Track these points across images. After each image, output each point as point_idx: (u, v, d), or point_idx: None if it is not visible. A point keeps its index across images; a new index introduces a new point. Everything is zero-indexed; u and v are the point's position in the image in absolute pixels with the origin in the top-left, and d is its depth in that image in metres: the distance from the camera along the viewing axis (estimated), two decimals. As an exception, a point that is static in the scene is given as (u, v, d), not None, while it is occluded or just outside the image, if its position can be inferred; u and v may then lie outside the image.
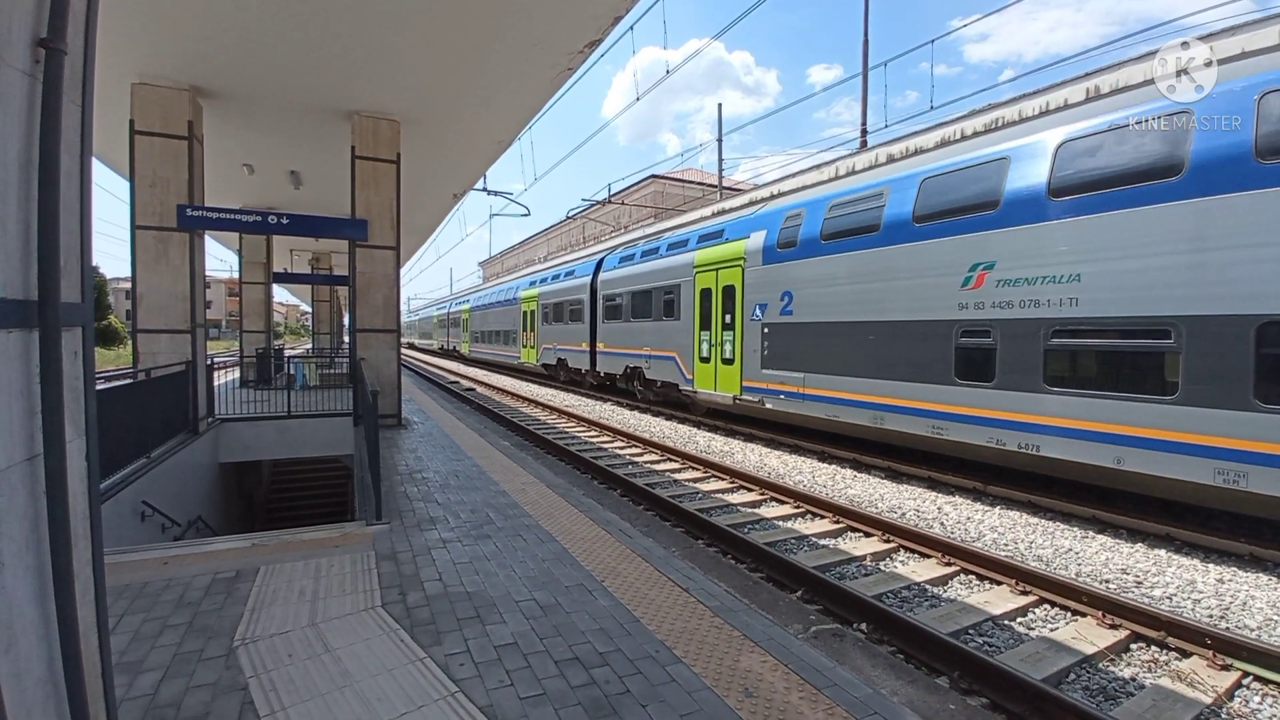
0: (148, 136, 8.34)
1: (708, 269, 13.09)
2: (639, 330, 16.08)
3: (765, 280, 11.30)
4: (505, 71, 8.16)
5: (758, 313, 11.43)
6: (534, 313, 24.61)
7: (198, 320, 8.73)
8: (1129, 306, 6.41)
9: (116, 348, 45.47)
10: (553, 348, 22.51)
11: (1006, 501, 7.71)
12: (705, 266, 13.22)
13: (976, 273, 7.90)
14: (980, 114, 12.37)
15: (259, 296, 17.09)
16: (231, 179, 12.71)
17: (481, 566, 4.20)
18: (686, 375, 13.84)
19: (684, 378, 13.98)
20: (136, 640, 3.16)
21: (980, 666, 3.87)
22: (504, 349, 29.38)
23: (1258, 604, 4.92)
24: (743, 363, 11.86)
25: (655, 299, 15.28)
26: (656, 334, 15.10)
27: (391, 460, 7.63)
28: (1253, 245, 5.58)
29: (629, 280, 16.85)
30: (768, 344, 11.18)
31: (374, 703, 2.61)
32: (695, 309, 13.45)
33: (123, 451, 6.44)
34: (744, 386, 11.85)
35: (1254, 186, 5.58)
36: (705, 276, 13.19)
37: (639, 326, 16.12)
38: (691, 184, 37.87)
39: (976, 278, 7.89)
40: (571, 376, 21.79)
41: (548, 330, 23.01)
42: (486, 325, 32.99)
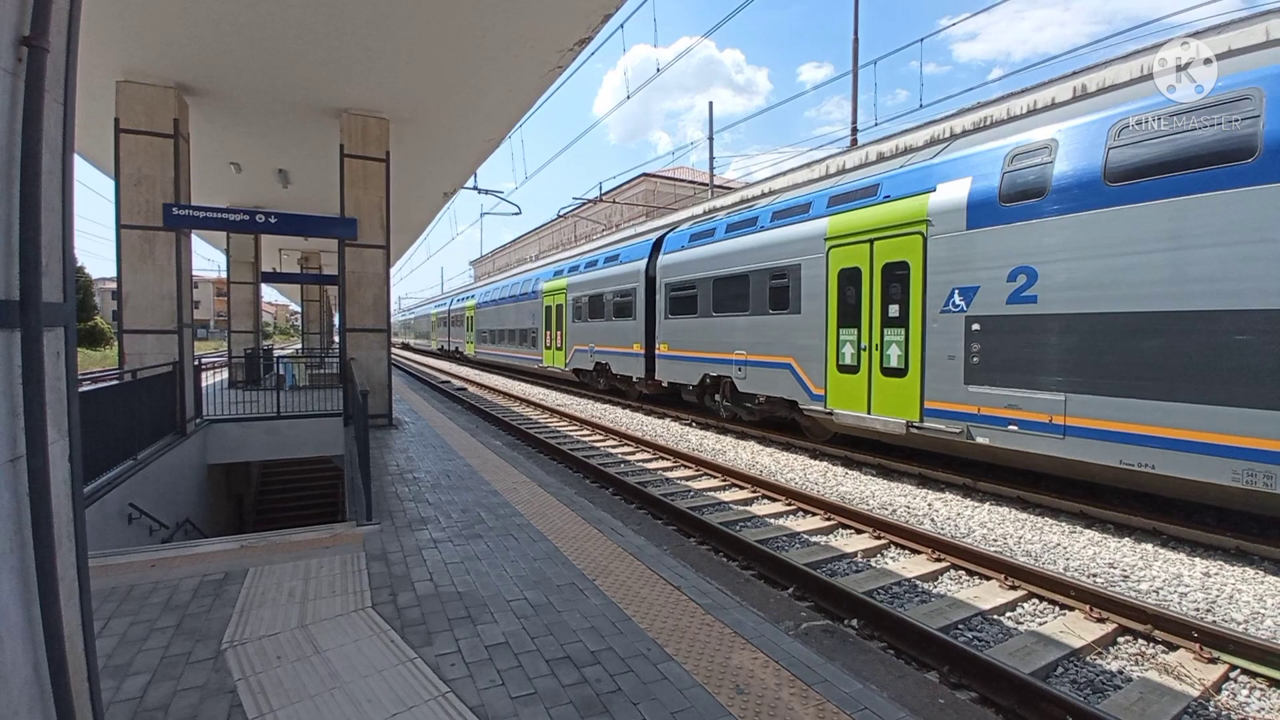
0: (133, 134, 8.24)
1: (852, 240, 9.43)
2: (726, 328, 12.34)
3: (974, 252, 7.71)
4: (495, 69, 8.13)
5: (957, 301, 7.88)
6: (561, 307, 20.50)
7: (185, 320, 8.65)
8: None
9: (103, 349, 44.93)
10: (588, 350, 18.56)
11: (996, 497, 7.77)
12: (848, 238, 9.52)
13: None
14: (969, 112, 12.47)
15: (247, 296, 16.95)
16: (219, 177, 12.60)
17: (473, 566, 4.19)
18: (812, 389, 10.09)
19: (806, 393, 10.23)
20: (124, 643, 3.13)
21: (969, 661, 3.90)
22: (519, 350, 25.03)
23: (1244, 597, 4.98)
24: (924, 374, 8.25)
25: (755, 286, 11.50)
26: (757, 333, 11.47)
27: (382, 460, 7.60)
28: None
29: (708, 263, 13.01)
30: (979, 346, 7.60)
31: (364, 704, 2.60)
32: (830, 298, 9.77)
33: (109, 453, 6.38)
34: (928, 410, 8.20)
35: None
36: (848, 252, 9.49)
37: (726, 323, 12.36)
38: (683, 182, 37.89)
39: None
40: (614, 385, 17.90)
41: (581, 329, 19.00)
42: (497, 323, 28.35)
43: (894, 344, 8.78)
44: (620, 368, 16.81)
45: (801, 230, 10.54)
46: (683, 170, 40.06)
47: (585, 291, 18.89)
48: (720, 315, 12.62)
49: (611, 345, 17.23)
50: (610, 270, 17.57)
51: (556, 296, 20.99)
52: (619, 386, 17.79)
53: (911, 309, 8.49)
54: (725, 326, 12.46)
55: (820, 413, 10.06)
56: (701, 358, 13.21)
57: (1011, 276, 7.33)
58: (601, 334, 17.81)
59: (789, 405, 10.90)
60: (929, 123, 13.24)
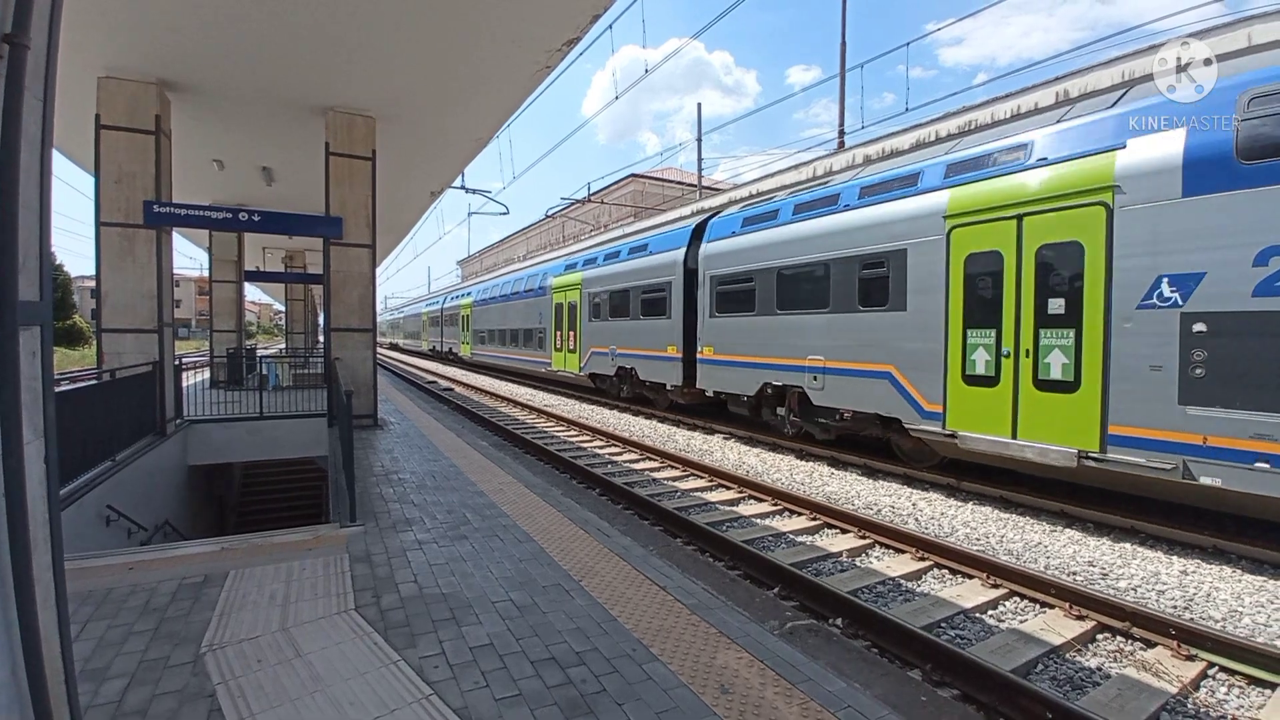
0: (114, 131, 8.12)
1: (987, 218, 7.45)
2: (795, 329, 10.38)
3: (1195, 227, 5.89)
4: (483, 69, 8.10)
5: (1166, 293, 6.03)
6: (574, 305, 18.39)
7: (165, 319, 8.53)
8: None
9: (81, 348, 44.20)
10: (608, 352, 16.42)
11: (979, 497, 7.86)
12: (981, 215, 7.51)
13: None
14: (955, 116, 12.61)
15: (230, 295, 16.73)
16: (201, 175, 12.43)
17: (458, 567, 4.17)
18: (923, 404, 8.16)
19: (913, 408, 8.29)
20: (101, 647, 3.09)
21: (952, 659, 3.94)
22: (523, 352, 22.82)
23: (1221, 595, 5.07)
24: (1108, 389, 6.41)
25: (838, 278, 9.55)
26: (840, 334, 9.52)
27: (367, 461, 7.54)
28: None
29: (769, 250, 10.97)
30: (1204, 354, 5.78)
31: (346, 707, 2.58)
32: (953, 290, 7.81)
33: (86, 455, 6.28)
34: (1114, 437, 6.35)
35: None
36: (982, 233, 7.51)
37: (795, 323, 10.39)
38: (671, 183, 37.97)
39: None
40: (640, 393, 15.78)
41: (600, 329, 16.92)
42: (497, 322, 26.00)
43: (1056, 349, 6.84)
44: (649, 373, 14.73)
45: (906, 208, 8.50)
46: (671, 171, 40.16)
47: (605, 287, 16.68)
48: (787, 313, 10.55)
49: (639, 348, 15.08)
50: (637, 262, 15.41)
51: (569, 293, 18.81)
52: (646, 395, 15.61)
53: (1086, 304, 6.62)
54: (794, 327, 10.39)
55: (935, 435, 7.98)
56: (760, 363, 11.10)
57: (1261, 259, 5.45)
58: (626, 335, 15.63)
59: (884, 423, 8.98)
60: (915, 126, 13.39)
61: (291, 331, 27.01)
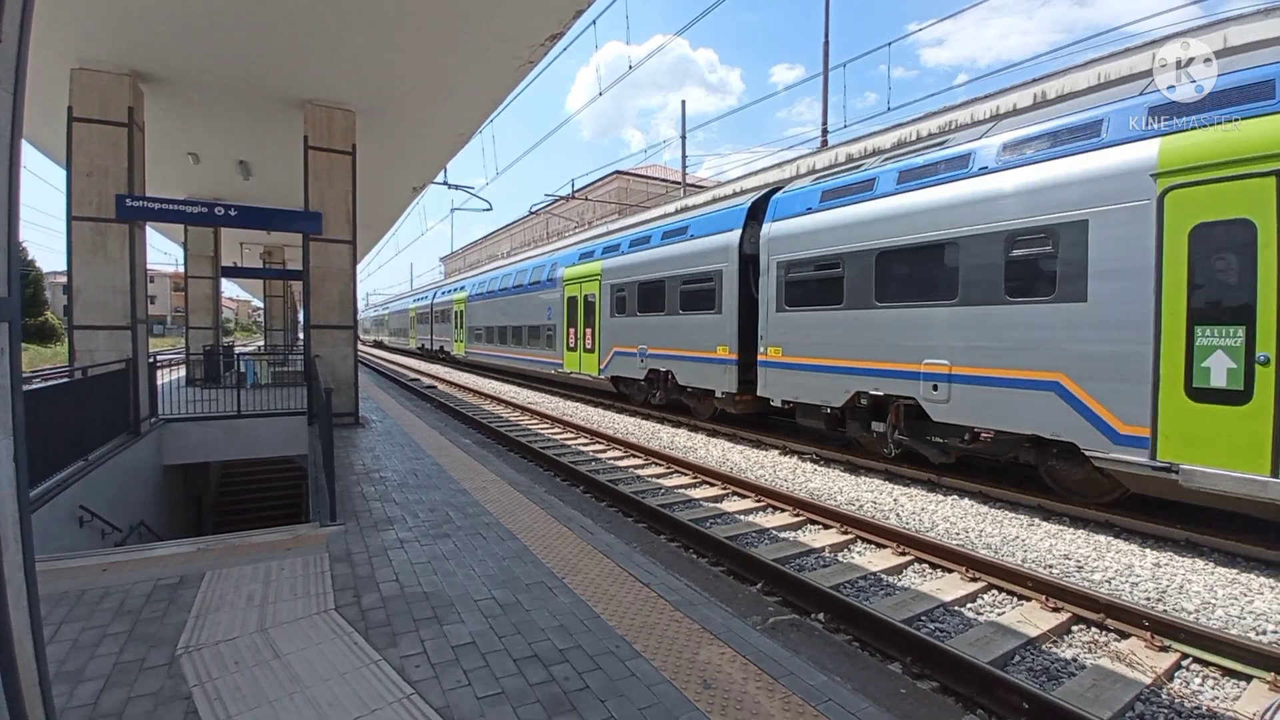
0: (86, 123, 7.94)
1: (1230, 174, 5.59)
2: (906, 325, 8.38)
3: None
4: (464, 63, 8.03)
5: None
6: (591, 299, 16.45)
7: (139, 316, 8.35)
8: None
9: (53, 345, 43.18)
10: (636, 353, 14.35)
11: (959, 492, 7.96)
12: (1215, 171, 5.68)
13: None
14: (935, 116, 12.74)
15: (206, 291, 16.43)
16: (176, 168, 12.19)
17: (440, 566, 4.14)
18: (1115, 425, 6.27)
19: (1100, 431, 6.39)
20: (76, 649, 3.04)
21: (931, 651, 4.00)
22: (528, 351, 20.72)
23: (1194, 587, 5.17)
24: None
25: (970, 261, 7.60)
26: (975, 332, 7.58)
27: (348, 460, 7.45)
28: None
29: (862, 229, 9.00)
30: None
31: (325, 707, 2.55)
32: (1169, 273, 5.91)
33: (59, 454, 6.15)
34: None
35: None
36: (1217, 195, 5.66)
37: (906, 318, 8.38)
38: (655, 180, 37.95)
39: None
40: (679, 399, 13.70)
41: (625, 326, 14.90)
42: (496, 318, 23.96)
43: None
44: (691, 378, 12.61)
45: (1084, 167, 6.62)
46: (655, 168, 40.12)
47: (633, 277, 14.61)
48: (892, 306, 8.58)
49: (677, 348, 12.98)
50: (674, 248, 13.30)
51: (585, 284, 16.75)
52: (684, 402, 13.63)
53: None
54: (903, 323, 8.41)
55: (1138, 466, 6.09)
56: (850, 368, 9.11)
57: None
58: (660, 332, 13.61)
59: (1038, 448, 7.28)
60: (896, 125, 13.50)
61: (270, 329, 26.61)
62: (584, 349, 16.88)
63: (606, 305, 15.69)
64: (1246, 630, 4.47)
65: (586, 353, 16.73)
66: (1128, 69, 8.99)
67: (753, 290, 11.18)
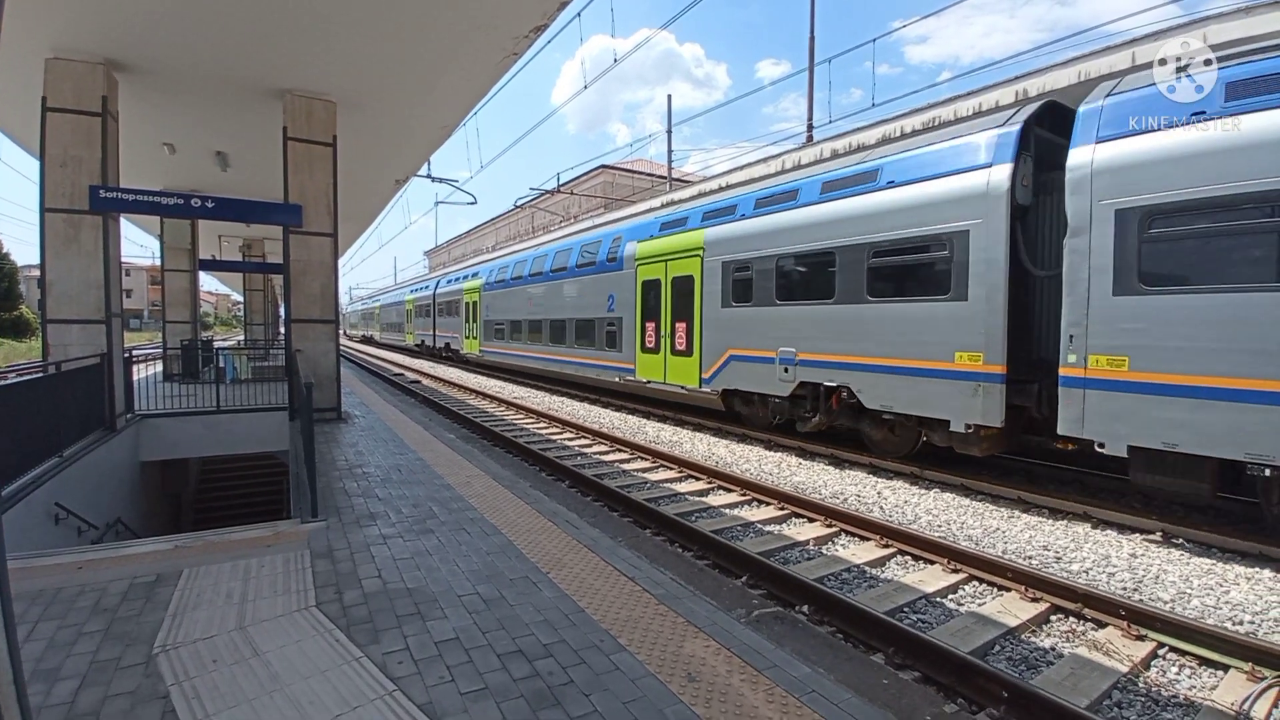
0: (59, 113, 7.74)
1: None
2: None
3: None
4: (447, 54, 7.93)
5: None
6: (684, 283, 12.35)
7: (113, 309, 8.17)
8: None
9: (28, 340, 42.24)
10: (773, 359, 10.24)
11: (942, 485, 8.05)
12: None
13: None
14: (919, 113, 12.81)
15: (183, 285, 16.13)
16: (151, 159, 11.92)
17: (423, 562, 4.11)
18: None
19: None
20: (52, 647, 2.99)
21: (913, 642, 4.04)
22: (575, 352, 16.60)
23: (1170, 578, 5.27)
24: None
25: None
26: None
27: (330, 455, 7.37)
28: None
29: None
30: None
31: (305, 705, 2.52)
32: None
33: (33, 451, 6.03)
34: None
35: None
36: None
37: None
38: (641, 175, 37.86)
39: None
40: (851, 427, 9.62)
41: (750, 320, 10.77)
42: (526, 310, 19.65)
43: None
44: (892, 398, 8.45)
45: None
46: (641, 163, 40.01)
47: (766, 250, 10.34)
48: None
49: (863, 353, 8.80)
50: (854, 203, 9.00)
51: (675, 263, 12.64)
52: (868, 434, 9.33)
53: None
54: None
55: None
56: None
57: None
58: (823, 329, 9.39)
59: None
60: (880, 121, 13.57)
61: (251, 323, 26.22)
62: (672, 351, 12.66)
63: (716, 291, 11.44)
64: (1223, 620, 4.56)
65: (677, 356, 12.50)
66: (1107, 67, 9.10)
67: (1025, 261, 7.42)
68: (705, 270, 11.78)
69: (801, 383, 9.80)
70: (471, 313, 24.89)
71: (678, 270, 12.59)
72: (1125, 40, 9.17)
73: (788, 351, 9.99)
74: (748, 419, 11.59)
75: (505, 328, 21.44)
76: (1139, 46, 8.89)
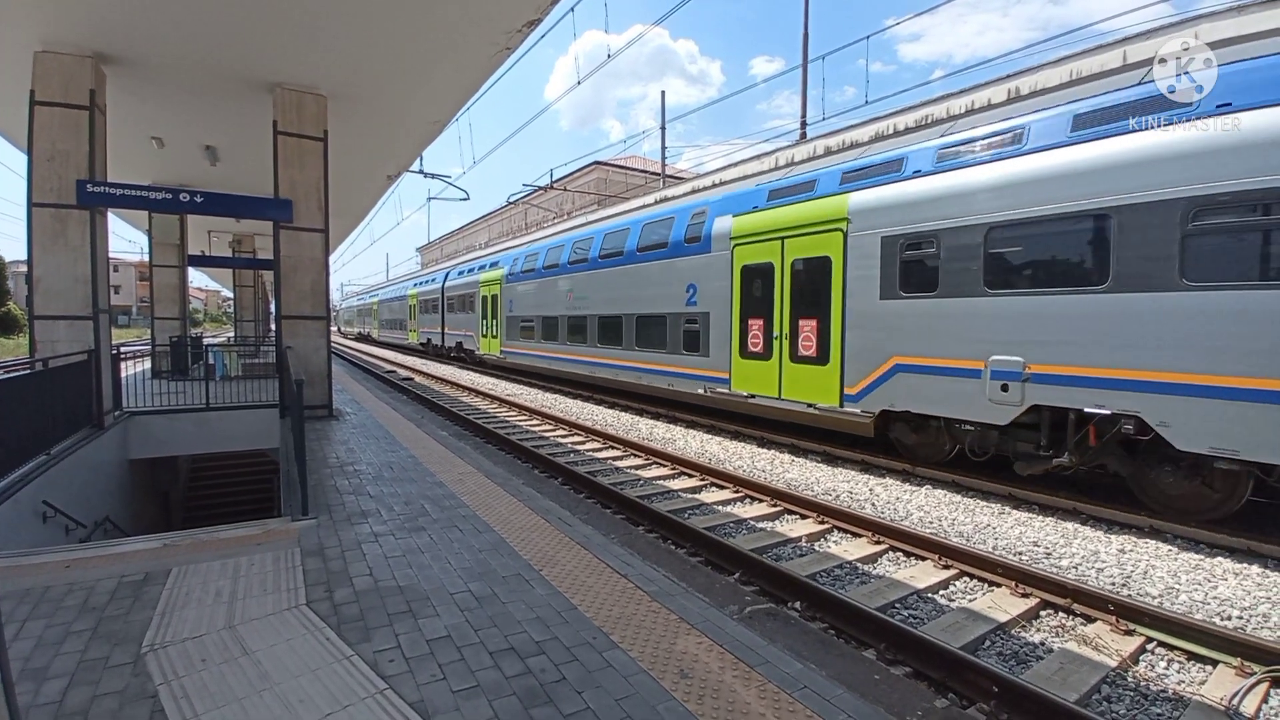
0: (47, 107, 7.65)
1: None
2: None
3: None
4: (440, 48, 7.87)
5: None
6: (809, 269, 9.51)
7: (101, 305, 8.08)
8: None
9: (16, 336, 41.71)
10: (978, 371, 7.34)
11: (933, 482, 8.09)
12: None
13: None
14: (912, 110, 12.84)
15: (172, 281, 15.96)
16: (140, 153, 11.80)
17: (415, 559, 4.09)
18: None
19: None
20: (40, 646, 2.96)
21: (904, 638, 4.07)
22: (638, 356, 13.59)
23: (1158, 573, 5.32)
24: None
25: None
26: None
27: (321, 452, 7.33)
28: None
29: None
30: None
31: (295, 704, 2.50)
32: None
33: (19, 448, 5.95)
34: None
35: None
36: None
37: None
38: (635, 171, 37.81)
39: None
40: (1130, 473, 6.75)
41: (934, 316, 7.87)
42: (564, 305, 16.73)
43: None
44: (1244, 438, 5.51)
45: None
46: (635, 159, 39.96)
47: (964, 218, 7.51)
48: None
49: (1183, 367, 5.86)
50: (1149, 140, 6.06)
51: (803, 241, 9.50)
52: (1163, 487, 6.47)
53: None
54: None
55: None
56: None
57: None
58: (1074, 330, 6.63)
59: None
60: (873, 119, 13.60)
61: (241, 319, 26.02)
62: (792, 357, 9.70)
63: (869, 276, 8.57)
64: (1211, 615, 4.60)
65: (801, 364, 9.54)
66: (1099, 66, 9.15)
67: None
68: (851, 248, 8.75)
69: (1033, 407, 6.92)
70: (490, 308, 21.87)
71: (802, 250, 9.48)
72: (1117, 39, 9.23)
73: (1008, 362, 7.07)
74: (916, 451, 8.64)
75: (535, 325, 18.45)
76: (1130, 45, 8.94)
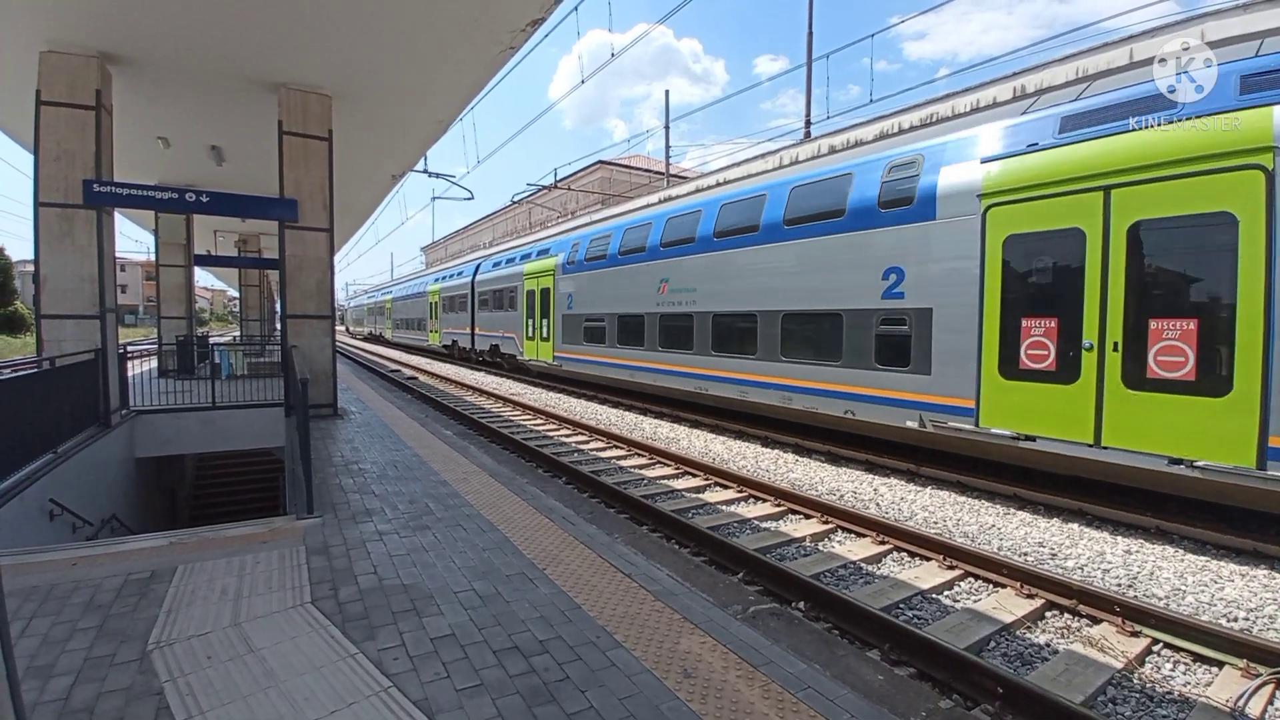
0: (53, 107, 7.70)
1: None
2: None
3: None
4: (444, 48, 7.88)
5: None
6: (1131, 241, 5.93)
7: (107, 305, 8.13)
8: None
9: (23, 335, 41.92)
10: None
11: (938, 482, 8.06)
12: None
13: None
14: (917, 109, 12.80)
15: (178, 280, 16.03)
16: (146, 153, 11.85)
17: (419, 558, 4.10)
18: None
19: None
20: (46, 644, 2.98)
21: (909, 638, 4.05)
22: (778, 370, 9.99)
23: (1164, 574, 5.29)
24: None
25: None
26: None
27: (326, 451, 7.35)
28: None
29: None
30: None
31: (300, 702, 2.51)
32: None
33: (27, 446, 6.00)
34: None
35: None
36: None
37: None
38: (639, 170, 37.80)
39: None
40: None
41: None
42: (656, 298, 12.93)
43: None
44: None
45: None
46: (639, 159, 39.95)
47: None
48: None
49: None
50: None
51: (1154, 193, 5.82)
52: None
53: None
54: None
55: None
56: None
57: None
58: None
59: None
60: (878, 118, 13.56)
61: (246, 319, 26.11)
62: (1125, 379, 6.06)
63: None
64: (1217, 617, 4.58)
65: (1150, 391, 5.90)
66: (1105, 64, 9.10)
67: None
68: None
69: None
70: (538, 304, 18.34)
71: (1162, 204, 5.84)
72: (1123, 37, 9.18)
73: None
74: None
75: (608, 325, 14.59)
76: (1136, 43, 8.89)
